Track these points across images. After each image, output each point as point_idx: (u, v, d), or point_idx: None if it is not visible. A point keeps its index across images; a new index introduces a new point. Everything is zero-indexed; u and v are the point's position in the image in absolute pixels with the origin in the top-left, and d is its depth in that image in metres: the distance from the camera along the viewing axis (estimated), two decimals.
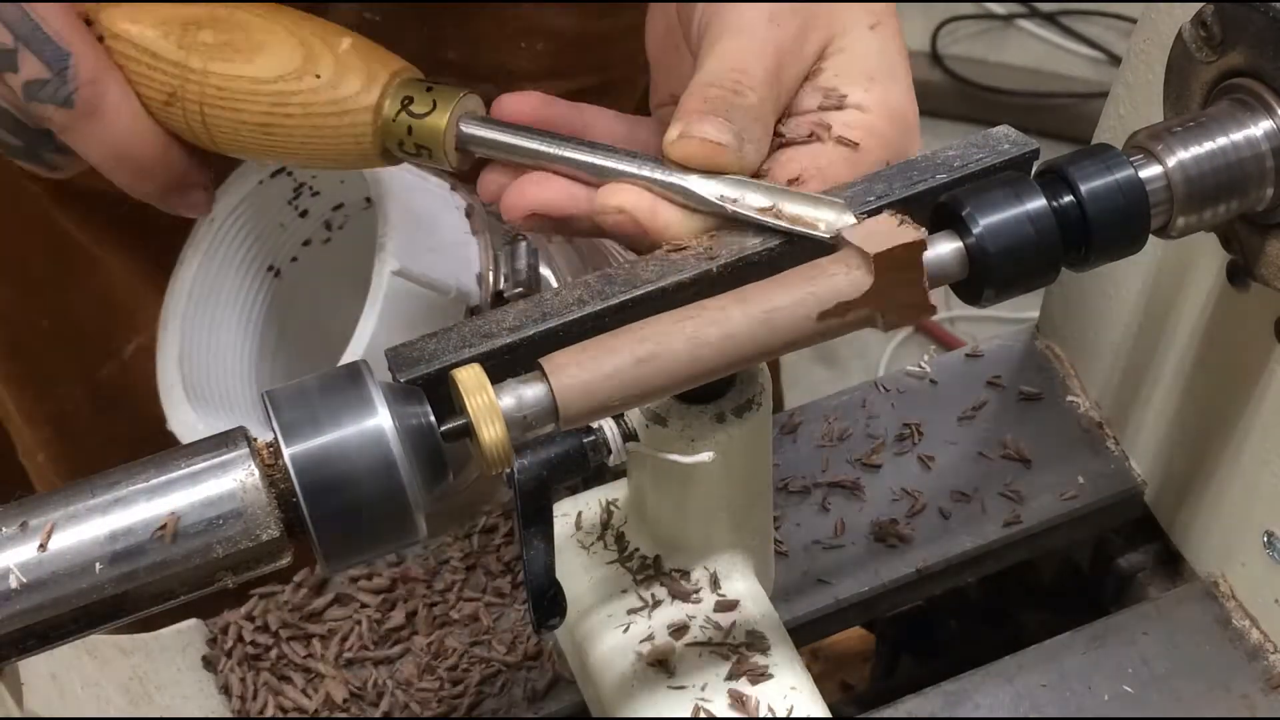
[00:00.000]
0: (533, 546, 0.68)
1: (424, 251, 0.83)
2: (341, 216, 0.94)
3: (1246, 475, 0.81)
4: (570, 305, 0.65)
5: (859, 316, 0.63)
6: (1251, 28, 0.67)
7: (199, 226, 0.91)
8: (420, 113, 0.69)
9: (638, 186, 0.66)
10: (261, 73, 0.70)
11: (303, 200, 0.93)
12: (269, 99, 0.71)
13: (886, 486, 0.91)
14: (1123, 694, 0.81)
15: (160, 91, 0.72)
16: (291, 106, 0.71)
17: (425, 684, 0.88)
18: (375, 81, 0.70)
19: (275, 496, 0.58)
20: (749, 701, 0.73)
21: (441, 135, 0.69)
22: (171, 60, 0.71)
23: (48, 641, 0.58)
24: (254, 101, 0.71)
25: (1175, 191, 0.67)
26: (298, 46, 0.71)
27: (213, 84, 0.71)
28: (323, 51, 0.71)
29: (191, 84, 0.71)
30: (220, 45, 0.71)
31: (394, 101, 0.70)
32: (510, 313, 0.65)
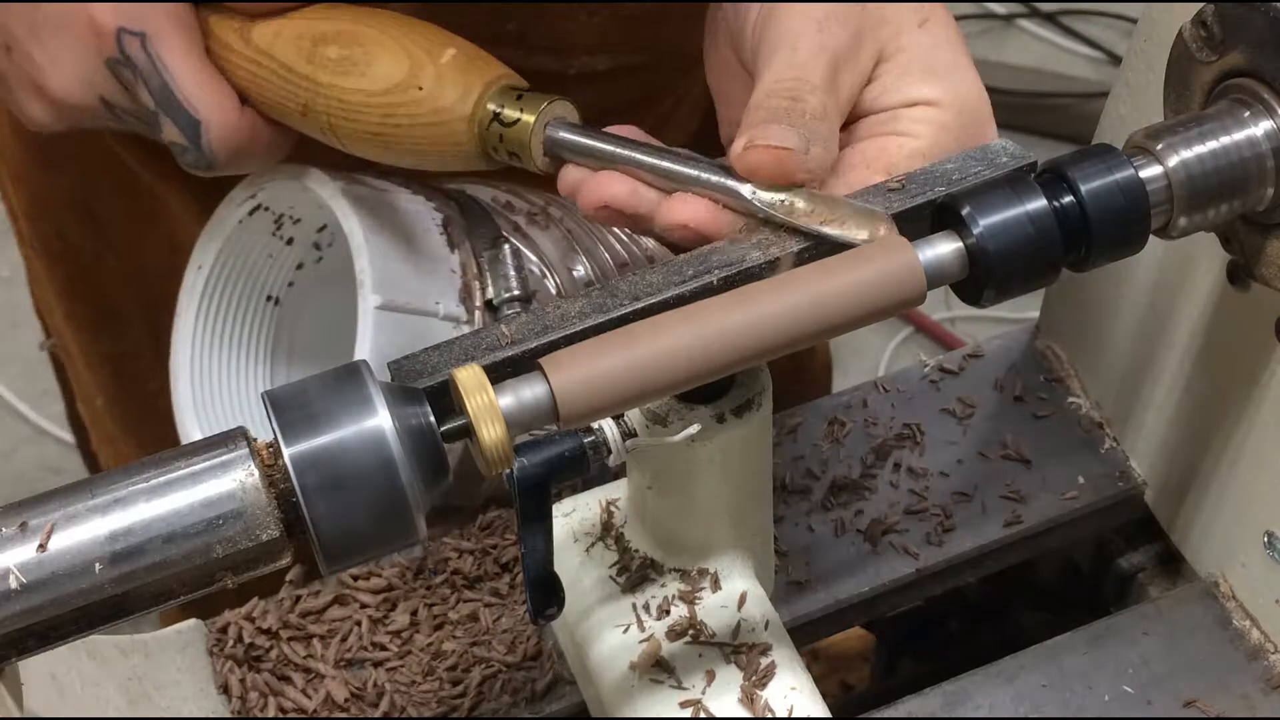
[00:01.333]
0: (532, 541, 0.68)
1: (404, 278, 0.84)
2: (329, 235, 0.94)
3: (1246, 475, 0.81)
4: (572, 318, 0.65)
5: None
6: (1251, 28, 0.67)
7: (189, 275, 0.92)
8: (509, 121, 0.74)
9: (702, 198, 0.68)
10: (374, 85, 0.76)
11: (285, 229, 0.93)
12: (380, 110, 0.76)
13: (887, 486, 0.91)
14: (1123, 694, 0.81)
15: (296, 103, 0.78)
16: (400, 117, 0.76)
17: (425, 684, 0.88)
18: (470, 92, 0.75)
19: (275, 496, 0.58)
20: (749, 702, 0.73)
21: (528, 143, 0.73)
22: (303, 75, 0.78)
23: (48, 641, 0.58)
24: (369, 112, 0.77)
25: (1176, 191, 0.67)
26: (404, 58, 0.76)
27: (336, 97, 0.77)
28: (425, 63, 0.75)
29: (320, 97, 0.77)
30: (341, 60, 0.76)
31: (487, 111, 0.74)
32: (512, 325, 0.65)
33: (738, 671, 0.75)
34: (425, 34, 0.77)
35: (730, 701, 0.74)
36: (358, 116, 0.77)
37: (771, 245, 0.67)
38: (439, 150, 0.77)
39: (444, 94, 0.75)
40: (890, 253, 0.65)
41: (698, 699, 0.74)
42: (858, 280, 0.64)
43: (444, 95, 0.75)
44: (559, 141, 0.72)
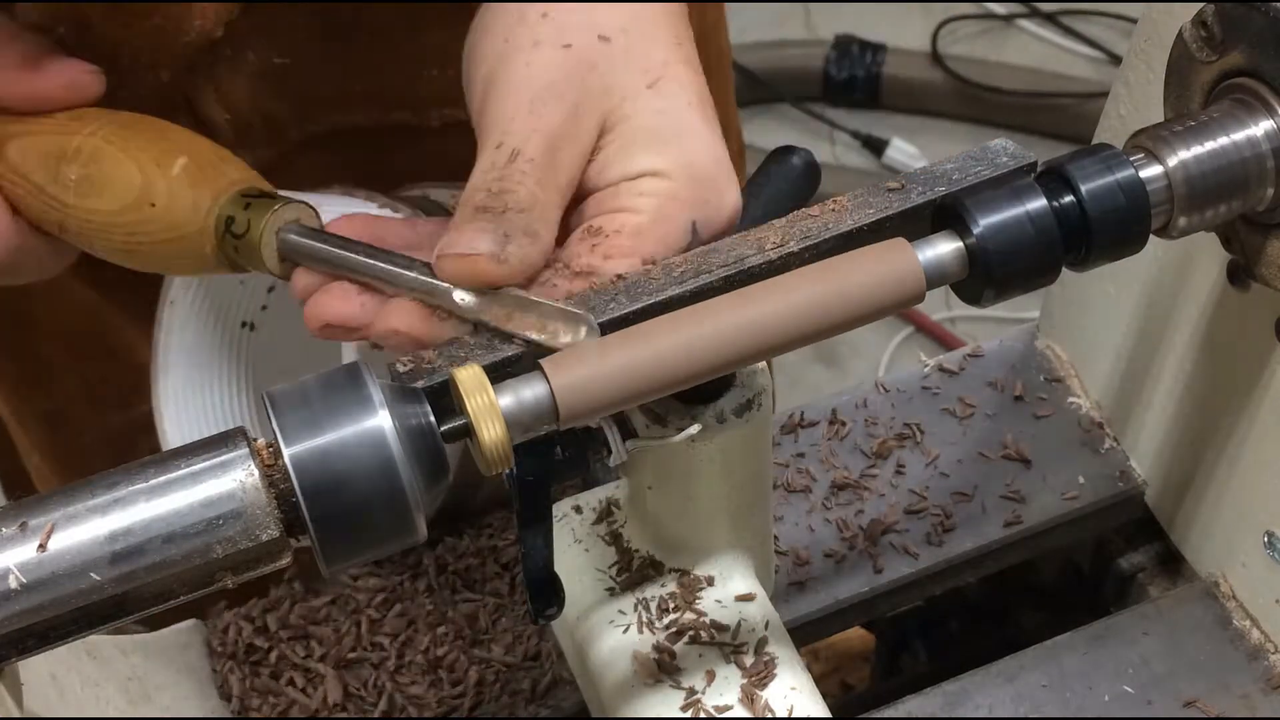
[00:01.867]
0: (532, 541, 0.68)
1: None
2: None
3: (1247, 475, 0.81)
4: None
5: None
6: (1251, 28, 0.67)
7: (161, 310, 0.92)
8: (239, 233, 0.73)
9: (414, 304, 0.66)
10: (111, 205, 0.75)
11: None
12: (123, 229, 0.75)
13: (887, 486, 0.91)
14: (1123, 694, 0.81)
15: (54, 222, 0.77)
16: (140, 235, 0.75)
17: (424, 684, 0.88)
18: (200, 205, 0.74)
19: (275, 497, 0.58)
20: (749, 702, 0.73)
21: (259, 253, 0.72)
22: (52, 195, 0.76)
23: (48, 641, 0.58)
24: (114, 231, 0.75)
25: (1176, 191, 0.67)
26: (137, 175, 0.74)
27: (82, 217, 0.76)
28: (157, 178, 0.74)
29: (70, 217, 0.76)
30: (81, 180, 0.75)
31: (219, 223, 0.73)
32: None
33: (738, 671, 0.75)
34: (160, 144, 0.76)
35: (730, 701, 0.74)
36: (106, 235, 0.76)
37: (769, 247, 0.67)
38: (186, 262, 0.76)
39: (175, 209, 0.74)
40: (890, 253, 0.65)
41: (698, 699, 0.74)
42: (857, 280, 0.64)
43: (175, 210, 0.74)
44: (289, 245, 0.71)
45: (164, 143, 0.76)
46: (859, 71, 2.50)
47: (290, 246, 0.71)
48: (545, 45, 0.68)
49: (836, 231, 0.67)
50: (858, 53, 2.51)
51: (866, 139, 2.46)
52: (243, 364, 0.96)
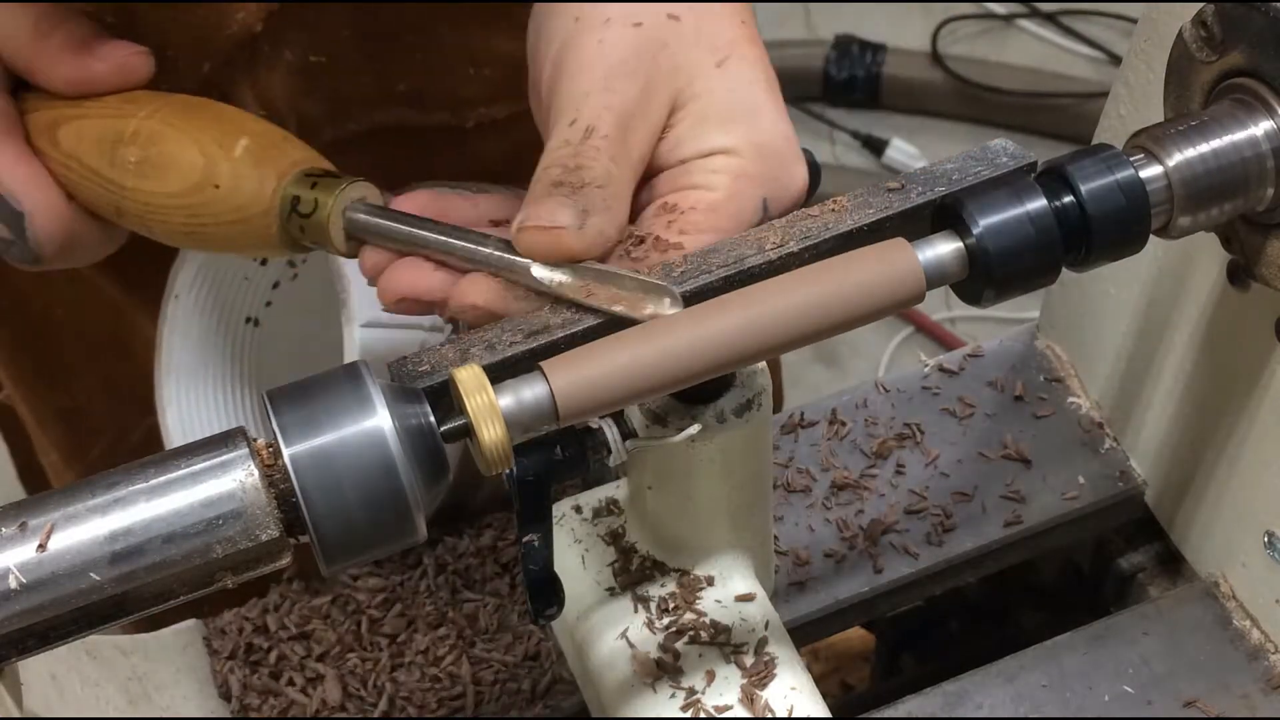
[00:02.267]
0: (532, 540, 0.68)
1: None
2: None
3: (1246, 475, 0.81)
4: (571, 317, 0.65)
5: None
6: (1251, 28, 0.67)
7: (166, 305, 0.92)
8: (306, 212, 0.72)
9: (490, 278, 0.67)
10: (174, 187, 0.74)
11: None
12: (185, 210, 0.74)
13: (887, 486, 0.91)
14: (1123, 694, 0.81)
15: (110, 205, 0.76)
16: (204, 216, 0.74)
17: (424, 684, 0.88)
18: (265, 185, 0.73)
19: (275, 496, 0.58)
20: (749, 702, 0.73)
21: (327, 232, 0.72)
22: (109, 179, 0.76)
23: (47, 641, 0.58)
24: (175, 213, 0.75)
25: (1176, 191, 0.67)
26: (199, 157, 0.74)
27: (141, 200, 0.75)
28: (219, 159, 0.74)
29: (128, 200, 0.75)
30: (140, 162, 0.75)
31: (284, 203, 0.73)
32: (510, 325, 0.65)
33: (738, 671, 0.75)
34: (220, 125, 0.75)
35: (730, 701, 0.74)
36: (166, 218, 0.75)
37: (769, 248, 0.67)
38: (250, 243, 0.76)
39: (240, 190, 0.73)
40: (890, 253, 0.65)
41: (698, 699, 0.74)
42: (857, 280, 0.64)
43: (241, 191, 0.73)
44: (357, 224, 0.71)
45: (224, 124, 0.76)
46: (859, 71, 2.50)
47: (358, 225, 0.71)
48: (616, 23, 0.69)
49: (836, 231, 0.67)
50: (858, 53, 2.51)
51: (866, 139, 2.46)
52: (246, 359, 0.96)
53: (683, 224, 0.67)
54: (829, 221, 0.67)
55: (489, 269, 0.67)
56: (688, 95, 0.69)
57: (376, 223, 0.70)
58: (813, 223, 0.67)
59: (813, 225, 0.67)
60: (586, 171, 0.66)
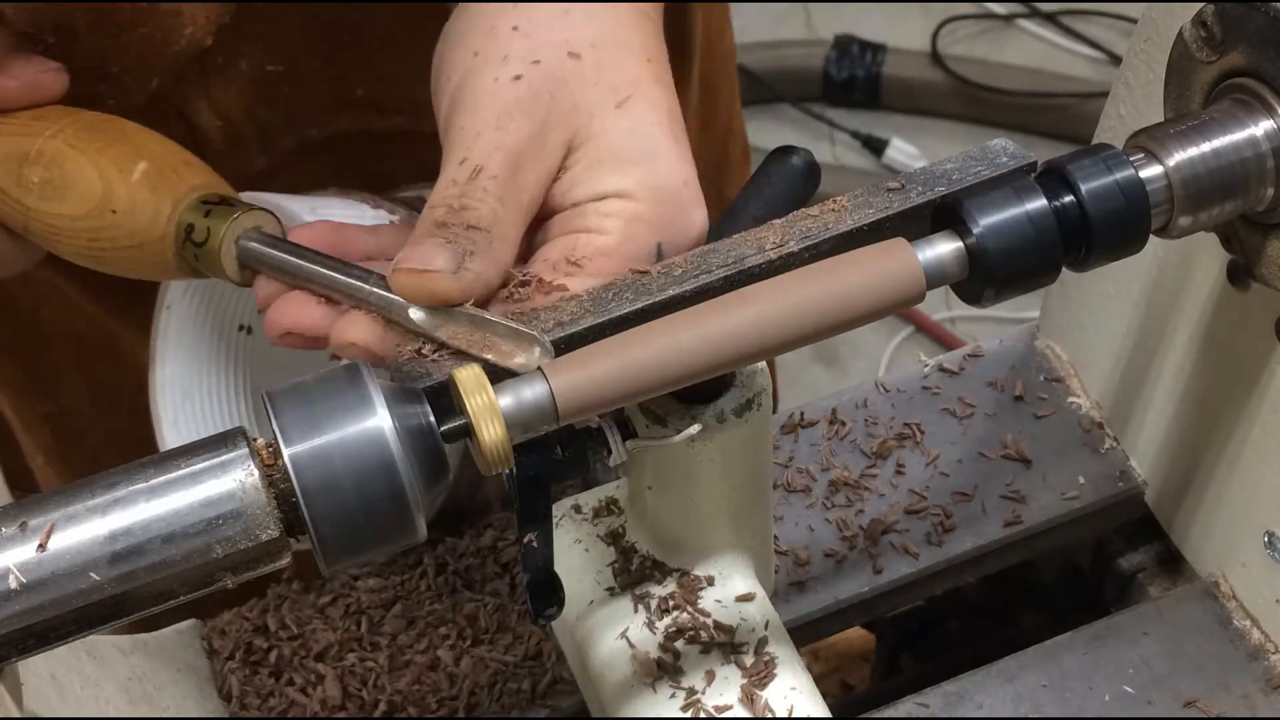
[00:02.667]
0: (532, 541, 0.68)
1: None
2: None
3: (1246, 475, 0.81)
4: (571, 317, 0.65)
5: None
6: (1251, 28, 0.67)
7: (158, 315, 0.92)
8: (199, 241, 0.73)
9: (370, 317, 0.66)
10: (74, 210, 0.74)
11: None
12: (85, 234, 0.75)
13: (887, 486, 0.91)
14: (1123, 694, 0.81)
15: (18, 223, 0.76)
16: (103, 240, 0.75)
17: (424, 684, 0.88)
18: (160, 213, 0.73)
19: (275, 496, 0.58)
20: (749, 702, 0.73)
21: (219, 261, 0.72)
22: (15, 198, 0.76)
23: (47, 642, 0.58)
24: (76, 235, 0.75)
25: (1176, 191, 0.67)
26: (97, 180, 0.74)
27: (45, 221, 0.75)
28: (118, 183, 0.74)
29: (33, 220, 0.76)
30: (43, 184, 0.75)
31: (179, 231, 0.73)
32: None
33: (738, 671, 0.75)
34: (121, 146, 0.75)
35: (730, 701, 0.74)
36: (69, 239, 0.75)
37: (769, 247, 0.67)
38: (147, 268, 0.75)
39: (136, 216, 0.73)
40: (890, 253, 0.65)
41: (698, 699, 0.74)
42: (857, 280, 0.64)
43: (136, 217, 0.73)
44: (249, 254, 0.71)
45: (124, 145, 0.75)
46: (859, 71, 2.50)
47: (250, 254, 0.71)
48: (514, 60, 0.68)
49: (836, 231, 0.67)
50: (858, 53, 2.51)
51: (866, 139, 2.46)
52: (240, 367, 0.96)
53: (570, 269, 0.66)
54: (829, 221, 0.67)
55: (369, 307, 0.66)
56: (584, 135, 0.68)
57: (267, 253, 0.71)
58: (813, 223, 0.67)
59: (813, 225, 0.67)
60: (471, 213, 0.65)
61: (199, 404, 0.94)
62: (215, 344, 0.95)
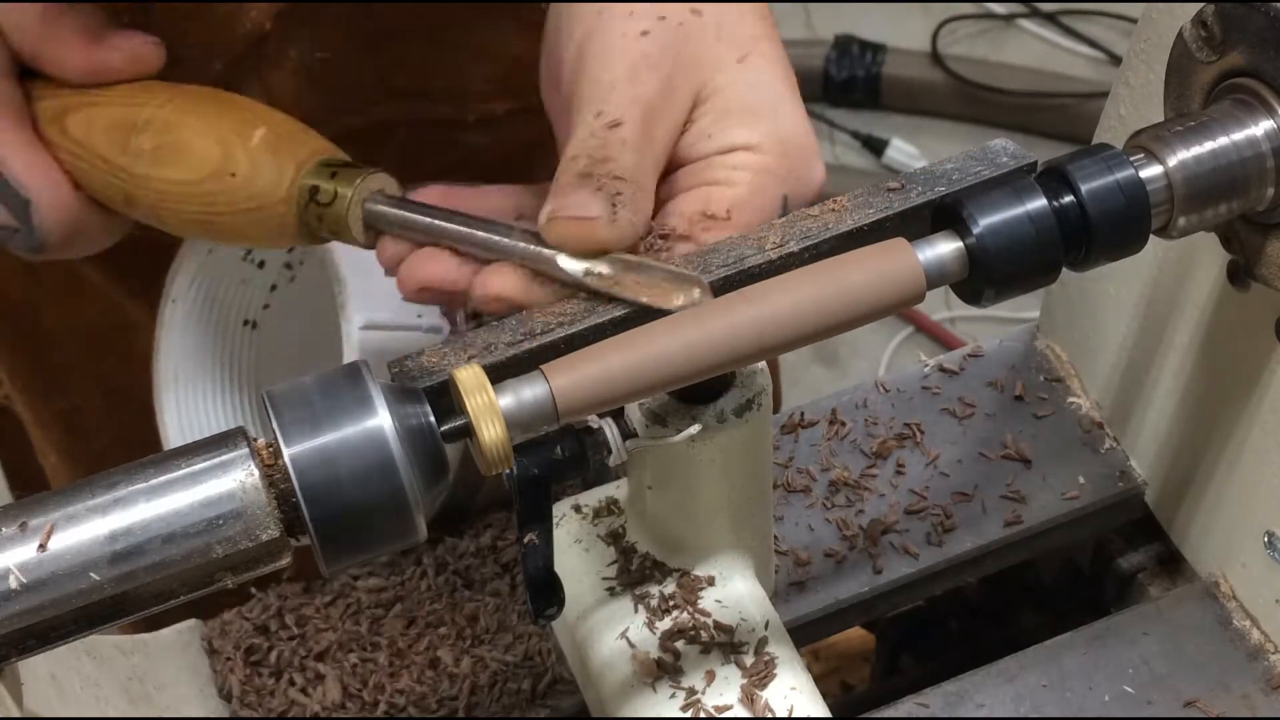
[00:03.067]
0: (532, 540, 0.68)
1: (384, 296, 0.83)
2: (300, 254, 0.94)
3: (1246, 475, 0.81)
4: (571, 317, 0.65)
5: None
6: (1252, 28, 0.67)
7: (163, 309, 0.92)
8: (324, 202, 0.73)
9: (514, 269, 0.66)
10: (190, 175, 0.74)
11: (255, 253, 0.93)
12: (200, 199, 0.74)
13: (887, 486, 0.91)
14: (1123, 694, 0.81)
15: (119, 193, 0.76)
16: (220, 205, 0.74)
17: (424, 684, 0.88)
18: (284, 176, 0.73)
19: (275, 497, 0.58)
20: (749, 702, 0.73)
21: (345, 222, 0.72)
22: (120, 166, 0.75)
23: (47, 641, 0.58)
24: (190, 201, 0.75)
25: (1176, 191, 0.67)
26: (215, 145, 0.74)
27: (155, 187, 0.75)
28: (237, 147, 0.74)
29: (140, 188, 0.75)
30: (155, 150, 0.75)
31: (303, 193, 0.73)
32: (509, 325, 0.65)
33: (738, 671, 0.75)
34: (237, 114, 0.76)
35: (730, 701, 0.74)
36: (180, 205, 0.75)
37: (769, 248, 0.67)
38: (264, 232, 0.76)
39: (258, 179, 0.73)
40: (890, 253, 0.65)
41: (698, 699, 0.74)
42: (857, 280, 0.64)
43: (258, 180, 0.73)
44: (376, 215, 0.71)
45: (240, 113, 0.76)
46: (859, 71, 2.50)
47: (378, 216, 0.71)
48: (640, 15, 0.69)
49: (836, 231, 0.67)
50: (858, 53, 2.51)
51: (866, 139, 2.46)
52: (245, 363, 0.96)
53: (706, 222, 0.67)
54: (829, 221, 0.67)
55: (513, 259, 0.67)
56: (710, 90, 0.69)
57: (396, 214, 0.71)
58: (813, 223, 0.67)
59: (813, 225, 0.67)
60: (614, 164, 0.66)
61: (202, 397, 0.94)
62: (219, 339, 0.95)
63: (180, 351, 0.93)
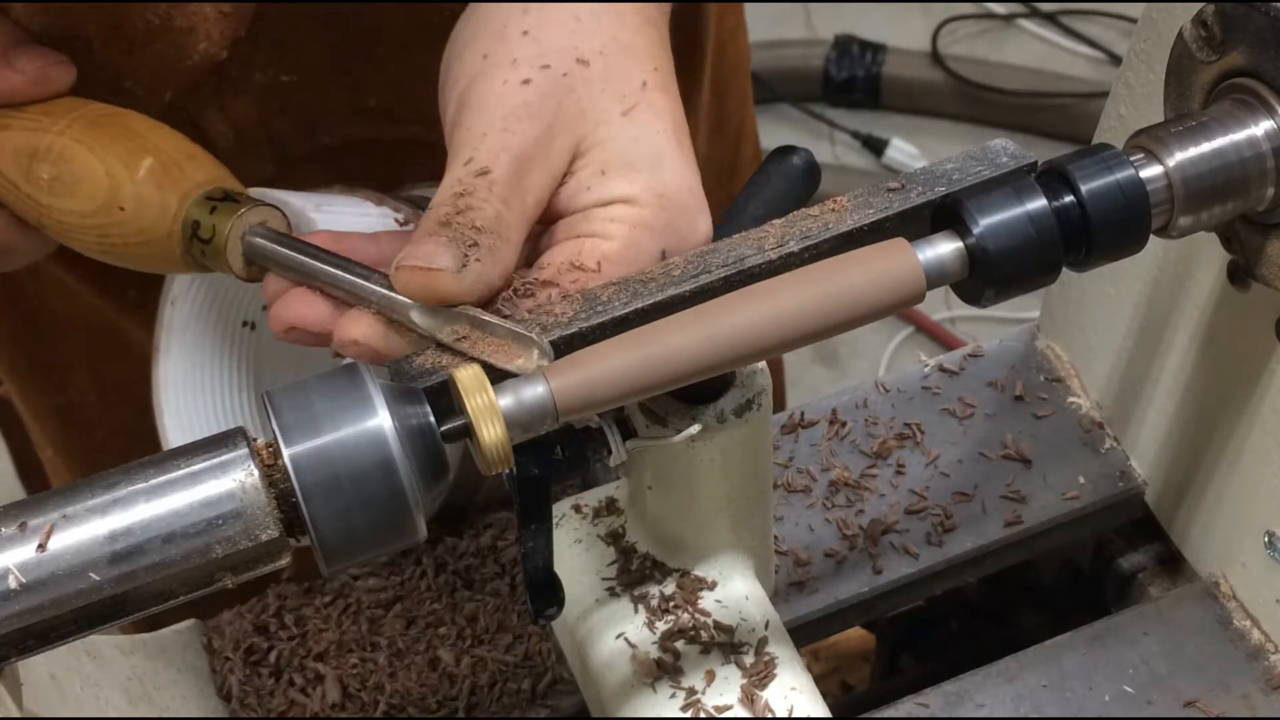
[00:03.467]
0: (532, 541, 0.68)
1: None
2: None
3: (1246, 475, 0.81)
4: (570, 317, 0.65)
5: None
6: (1251, 28, 0.67)
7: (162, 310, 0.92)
8: (205, 238, 0.73)
9: (373, 316, 0.66)
10: (83, 207, 0.75)
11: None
12: (94, 230, 0.75)
13: (887, 486, 0.91)
14: (1123, 694, 0.81)
15: (31, 218, 0.77)
16: (113, 236, 0.75)
17: (424, 684, 0.88)
18: (166, 211, 0.74)
19: (275, 497, 0.58)
20: (749, 702, 0.73)
21: (225, 258, 0.73)
22: (26, 194, 0.76)
23: (47, 642, 0.58)
24: (87, 232, 0.76)
25: (1176, 191, 0.67)
26: (104, 178, 0.74)
27: (55, 217, 0.76)
28: (124, 180, 0.74)
29: (44, 215, 0.76)
30: (52, 181, 0.75)
31: (185, 227, 0.74)
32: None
33: (738, 671, 0.75)
34: (127, 142, 0.75)
35: (730, 701, 0.74)
36: (80, 235, 0.76)
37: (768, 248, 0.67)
38: (157, 263, 0.76)
39: (143, 214, 0.74)
40: (890, 253, 0.65)
41: (698, 699, 0.74)
42: (857, 280, 0.64)
43: (144, 215, 0.74)
44: (255, 249, 0.72)
45: (131, 141, 0.76)
46: (859, 71, 2.50)
47: (256, 250, 0.72)
48: (523, 64, 0.68)
49: (836, 231, 0.67)
50: (858, 53, 2.51)
51: (866, 139, 2.46)
52: (243, 363, 0.96)
53: (575, 274, 0.66)
54: (829, 221, 0.67)
55: (372, 306, 0.66)
56: (591, 141, 0.68)
57: (273, 249, 0.71)
58: (813, 223, 0.67)
59: (813, 225, 0.67)
60: (476, 213, 0.65)
61: (202, 398, 0.94)
62: (219, 339, 0.95)
63: (179, 353, 0.93)
